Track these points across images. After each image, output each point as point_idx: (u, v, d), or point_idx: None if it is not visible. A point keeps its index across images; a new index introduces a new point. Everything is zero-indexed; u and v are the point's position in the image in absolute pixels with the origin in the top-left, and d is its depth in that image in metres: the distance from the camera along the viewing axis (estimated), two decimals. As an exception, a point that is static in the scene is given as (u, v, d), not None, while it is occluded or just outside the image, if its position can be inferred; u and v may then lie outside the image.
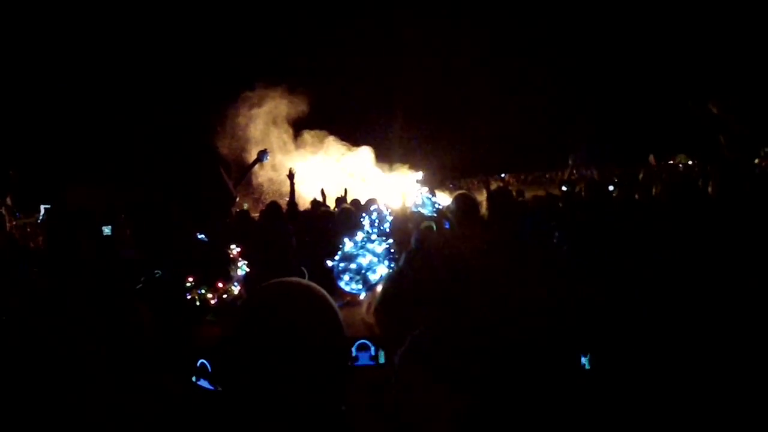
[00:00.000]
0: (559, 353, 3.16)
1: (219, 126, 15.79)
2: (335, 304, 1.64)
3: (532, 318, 3.29)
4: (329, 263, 3.89)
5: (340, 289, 3.87)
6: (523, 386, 2.62)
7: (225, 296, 4.10)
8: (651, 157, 22.08)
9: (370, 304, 3.72)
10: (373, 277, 3.78)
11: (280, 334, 1.58)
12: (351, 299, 3.85)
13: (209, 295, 4.03)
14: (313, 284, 1.68)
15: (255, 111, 17.49)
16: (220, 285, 4.09)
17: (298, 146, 18.40)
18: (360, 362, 3.36)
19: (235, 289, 4.18)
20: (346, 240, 3.92)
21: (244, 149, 16.32)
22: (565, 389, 2.98)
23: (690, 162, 21.46)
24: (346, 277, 3.79)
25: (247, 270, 4.30)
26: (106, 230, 6.10)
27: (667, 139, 21.67)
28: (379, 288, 3.77)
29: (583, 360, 3.21)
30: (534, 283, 4.26)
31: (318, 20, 22.82)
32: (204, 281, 4.01)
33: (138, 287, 4.02)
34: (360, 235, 3.85)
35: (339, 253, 3.86)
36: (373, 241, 3.83)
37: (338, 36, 22.92)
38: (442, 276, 3.27)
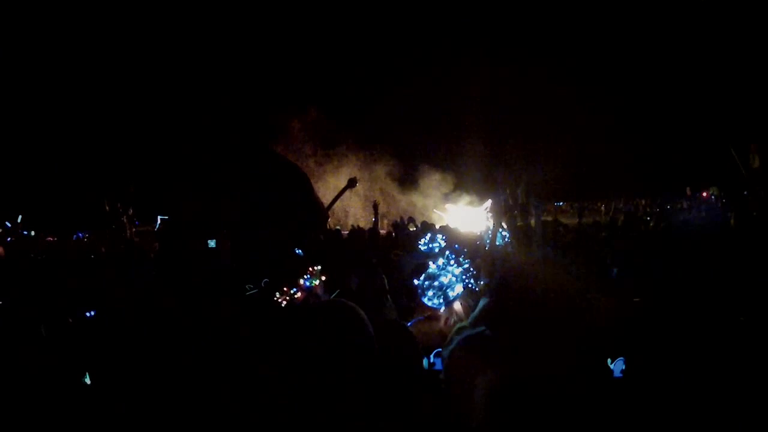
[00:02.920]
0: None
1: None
2: (367, 320, 2.06)
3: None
4: (415, 281, 3.99)
5: (423, 304, 3.93)
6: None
7: (288, 299, 4.25)
8: (687, 189, 21.31)
9: (447, 318, 3.86)
10: (451, 294, 3.87)
11: (322, 337, 1.98)
12: (432, 313, 3.92)
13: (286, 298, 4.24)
14: (352, 304, 2.12)
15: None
16: (285, 288, 4.26)
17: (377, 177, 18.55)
18: (436, 367, 3.41)
19: (296, 295, 4.30)
20: (430, 263, 4.07)
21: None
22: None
23: (721, 194, 20.49)
24: (429, 293, 3.88)
25: (316, 284, 4.36)
26: (211, 243, 6.18)
27: (703, 173, 20.78)
28: (457, 305, 3.86)
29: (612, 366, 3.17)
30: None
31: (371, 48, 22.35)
32: (277, 287, 4.11)
33: (248, 293, 4.13)
34: (441, 260, 4.00)
35: (424, 273, 4.00)
36: (452, 264, 3.96)
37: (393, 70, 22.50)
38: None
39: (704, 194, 21.85)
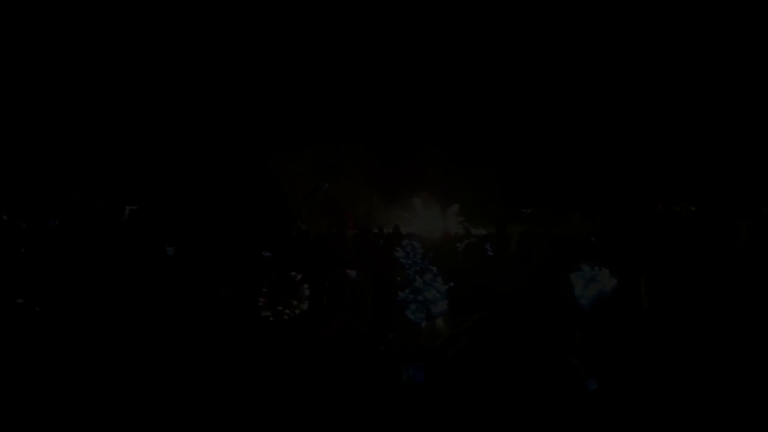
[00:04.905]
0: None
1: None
2: None
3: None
4: (401, 294, 3.93)
5: (406, 317, 3.85)
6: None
7: (297, 312, 4.14)
8: (658, 204, 21.37)
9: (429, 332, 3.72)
10: (434, 310, 3.82)
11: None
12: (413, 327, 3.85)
13: (286, 311, 4.09)
14: None
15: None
16: (295, 302, 4.14)
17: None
18: (416, 380, 3.34)
19: (305, 306, 4.19)
20: (417, 277, 3.99)
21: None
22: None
23: (693, 209, 20.52)
24: (413, 307, 3.81)
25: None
26: (170, 251, 5.92)
27: (675, 187, 20.86)
28: (439, 321, 3.76)
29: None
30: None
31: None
32: (278, 300, 4.06)
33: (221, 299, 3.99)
34: (428, 275, 3.96)
35: (409, 287, 3.96)
36: (437, 281, 3.90)
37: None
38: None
39: (676, 208, 21.86)
